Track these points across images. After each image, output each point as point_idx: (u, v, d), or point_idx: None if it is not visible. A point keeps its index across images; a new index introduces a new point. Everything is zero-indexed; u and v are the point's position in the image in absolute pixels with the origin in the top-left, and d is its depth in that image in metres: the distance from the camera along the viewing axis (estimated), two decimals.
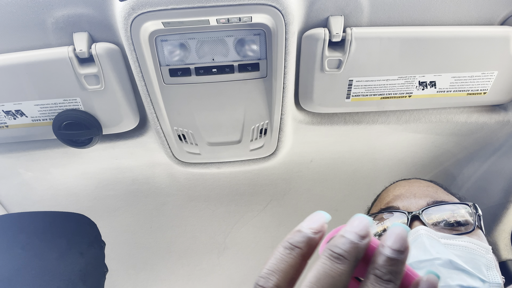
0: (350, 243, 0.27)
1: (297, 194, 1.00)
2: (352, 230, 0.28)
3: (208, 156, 0.80)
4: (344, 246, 0.27)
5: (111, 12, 0.58)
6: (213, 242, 1.10)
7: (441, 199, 0.62)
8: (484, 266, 0.54)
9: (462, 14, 0.63)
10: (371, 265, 0.27)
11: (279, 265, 0.28)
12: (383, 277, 0.26)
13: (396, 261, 0.26)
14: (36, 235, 0.75)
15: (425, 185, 0.67)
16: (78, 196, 0.95)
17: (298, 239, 0.28)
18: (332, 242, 0.28)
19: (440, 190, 0.67)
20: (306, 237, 0.28)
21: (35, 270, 0.70)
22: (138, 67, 0.61)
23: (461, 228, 0.58)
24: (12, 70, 0.62)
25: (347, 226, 0.28)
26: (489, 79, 0.70)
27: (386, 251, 0.27)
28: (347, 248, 0.27)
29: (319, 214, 0.30)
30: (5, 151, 0.79)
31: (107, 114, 0.69)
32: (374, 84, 0.69)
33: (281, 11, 0.56)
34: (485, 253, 0.55)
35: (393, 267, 0.26)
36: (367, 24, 0.63)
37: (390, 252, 0.26)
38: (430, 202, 0.61)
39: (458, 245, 0.55)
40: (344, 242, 0.27)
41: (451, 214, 0.59)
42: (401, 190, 0.67)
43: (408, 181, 0.71)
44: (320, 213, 0.30)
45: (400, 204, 0.63)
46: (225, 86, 0.66)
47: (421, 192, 0.65)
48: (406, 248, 0.27)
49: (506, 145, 0.82)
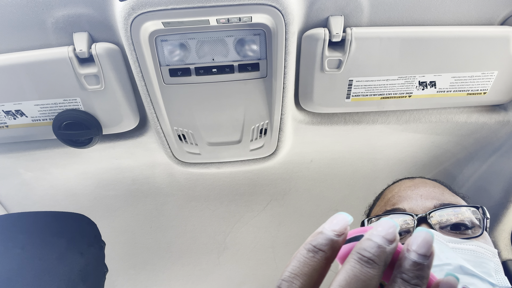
0: (378, 247, 0.26)
1: (297, 194, 1.00)
2: (379, 234, 0.27)
3: (208, 156, 0.80)
4: (373, 250, 0.26)
5: (111, 12, 0.58)
6: (213, 242, 1.10)
7: (447, 201, 0.62)
8: (493, 270, 0.53)
9: (462, 14, 0.63)
10: (397, 269, 0.27)
11: (303, 268, 0.27)
12: (411, 281, 0.26)
13: (422, 265, 0.26)
14: (36, 235, 0.75)
15: (431, 186, 0.67)
16: (78, 196, 0.95)
17: (321, 242, 0.28)
18: (360, 245, 0.27)
19: (446, 191, 0.66)
20: (329, 240, 0.28)
21: (35, 270, 0.70)
22: (138, 67, 0.61)
23: (468, 231, 0.57)
24: (12, 70, 0.62)
25: (373, 229, 0.28)
26: (489, 79, 0.70)
27: (412, 255, 0.26)
28: (376, 252, 0.26)
29: (341, 215, 0.29)
30: (5, 151, 0.79)
31: (107, 114, 0.69)
32: (374, 84, 0.69)
33: (281, 11, 0.56)
34: (492, 256, 0.55)
35: (419, 272, 0.26)
36: (367, 24, 0.63)
37: (417, 256, 0.26)
38: (437, 205, 0.60)
39: (467, 249, 0.54)
40: (372, 246, 0.26)
41: (458, 218, 0.58)
42: (407, 191, 0.66)
43: (413, 181, 0.70)
44: (342, 214, 0.29)
45: (406, 205, 0.63)
46: (225, 86, 0.66)
47: (427, 194, 0.64)
48: (431, 253, 0.27)
49: (506, 145, 0.82)
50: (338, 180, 0.97)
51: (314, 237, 0.28)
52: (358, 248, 0.27)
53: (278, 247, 1.13)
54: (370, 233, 0.27)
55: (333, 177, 0.96)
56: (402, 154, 0.91)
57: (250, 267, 1.17)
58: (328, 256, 0.27)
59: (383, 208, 0.67)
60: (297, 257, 0.27)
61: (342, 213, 0.29)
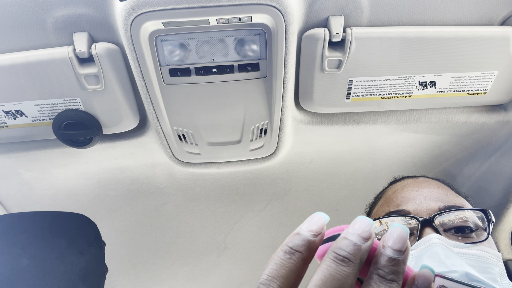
0: (353, 245, 0.27)
1: (297, 194, 1.00)
2: (355, 232, 0.27)
3: (208, 156, 0.80)
4: (348, 248, 0.27)
5: (111, 12, 0.58)
6: (213, 242, 1.10)
7: (452, 203, 0.61)
8: (498, 275, 0.53)
9: (462, 14, 0.63)
10: (373, 265, 0.27)
11: (280, 270, 0.27)
12: (386, 276, 0.26)
13: (397, 261, 0.27)
14: (36, 235, 0.75)
15: (435, 186, 0.66)
16: (78, 196, 0.95)
17: (298, 243, 0.28)
18: (335, 244, 0.27)
19: (449, 192, 0.65)
20: (306, 240, 0.28)
21: (35, 270, 0.70)
22: (138, 67, 0.61)
23: (473, 235, 0.57)
24: (12, 70, 0.62)
25: (349, 228, 0.28)
26: (489, 79, 0.70)
27: (388, 251, 0.27)
28: (351, 250, 0.27)
29: (318, 216, 0.29)
30: (5, 151, 0.79)
31: (107, 114, 0.69)
32: (374, 84, 0.69)
33: (281, 11, 0.56)
34: (497, 261, 0.55)
35: (395, 267, 0.27)
36: (367, 24, 0.63)
37: (392, 252, 0.27)
38: (441, 207, 0.60)
39: (472, 254, 0.54)
40: (348, 244, 0.27)
41: (463, 221, 0.57)
42: (410, 192, 0.65)
43: (416, 180, 0.69)
44: (319, 214, 0.30)
45: (410, 207, 0.62)
46: (225, 86, 0.66)
47: (431, 195, 0.63)
48: (406, 248, 0.27)
49: (506, 145, 0.82)
50: (338, 180, 0.97)
51: (291, 238, 0.28)
52: (334, 247, 0.27)
53: (278, 247, 1.12)
54: (346, 231, 0.28)
55: (333, 177, 0.96)
56: (402, 154, 0.91)
57: (250, 267, 1.17)
58: (305, 257, 0.28)
59: (386, 208, 0.66)
60: (274, 259, 0.28)
61: (319, 213, 0.30)
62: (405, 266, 0.27)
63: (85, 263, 0.76)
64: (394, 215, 0.62)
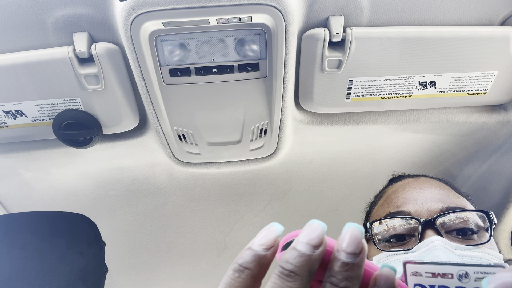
0: (301, 256, 0.25)
1: (297, 194, 1.00)
2: (304, 241, 0.26)
3: (208, 156, 0.80)
4: (295, 260, 0.25)
5: (111, 12, 0.58)
6: (213, 242, 1.10)
7: (453, 204, 0.61)
8: None
9: (462, 14, 0.63)
10: (327, 271, 0.26)
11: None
12: (339, 284, 0.25)
13: (352, 265, 0.25)
14: (36, 235, 0.75)
15: (436, 186, 0.65)
16: (78, 196, 0.95)
17: (247, 259, 0.26)
18: (283, 256, 0.26)
19: (451, 192, 0.65)
20: (256, 256, 0.26)
21: (35, 270, 0.70)
22: (138, 67, 0.61)
23: (474, 237, 0.56)
24: (12, 70, 0.62)
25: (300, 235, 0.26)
26: (489, 79, 0.70)
27: (341, 255, 0.25)
28: (298, 262, 0.25)
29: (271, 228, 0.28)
30: (5, 151, 0.79)
31: (107, 114, 0.69)
32: (374, 84, 0.69)
33: (281, 11, 0.56)
34: None
35: (349, 272, 0.25)
36: (367, 24, 0.63)
37: (345, 256, 0.25)
38: (443, 208, 0.59)
39: (474, 257, 0.53)
40: (294, 256, 0.25)
41: (465, 223, 0.57)
42: (412, 192, 0.65)
43: (417, 181, 0.69)
44: (272, 226, 0.28)
45: (411, 208, 0.61)
46: (225, 86, 0.66)
47: (432, 196, 0.62)
48: (361, 249, 0.25)
49: (506, 145, 0.82)
50: (338, 180, 0.97)
51: (241, 254, 0.27)
52: (281, 260, 0.26)
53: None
54: (296, 239, 0.26)
55: (333, 177, 0.96)
56: (402, 154, 0.91)
57: None
58: (255, 274, 0.26)
59: (386, 209, 0.66)
60: (224, 279, 0.26)
61: (273, 224, 0.28)
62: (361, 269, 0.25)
63: (85, 263, 0.76)
64: (394, 216, 0.61)
